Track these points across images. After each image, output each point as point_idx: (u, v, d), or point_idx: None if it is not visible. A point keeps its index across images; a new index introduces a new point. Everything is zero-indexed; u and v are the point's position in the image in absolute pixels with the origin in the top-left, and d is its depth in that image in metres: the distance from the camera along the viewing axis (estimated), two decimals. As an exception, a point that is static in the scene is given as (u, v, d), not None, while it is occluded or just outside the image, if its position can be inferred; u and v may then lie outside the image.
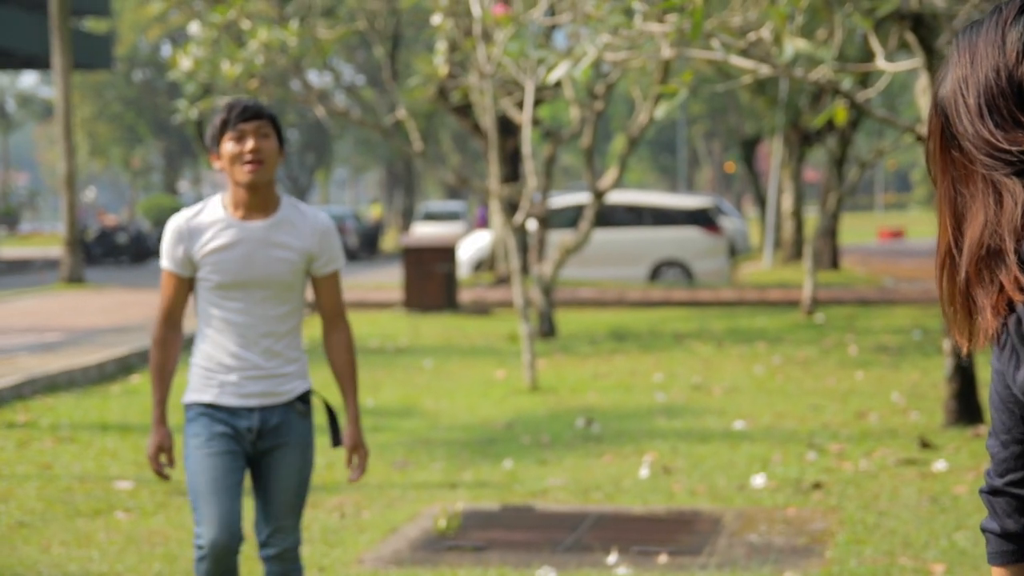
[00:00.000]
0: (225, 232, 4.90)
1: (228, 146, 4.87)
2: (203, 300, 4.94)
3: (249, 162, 4.84)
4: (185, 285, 4.95)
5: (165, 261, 4.94)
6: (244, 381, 4.90)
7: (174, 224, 4.95)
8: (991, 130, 1.87)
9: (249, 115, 4.86)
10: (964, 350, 1.96)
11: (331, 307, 5.09)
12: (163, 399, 4.97)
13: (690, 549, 7.22)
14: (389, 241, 54.70)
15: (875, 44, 9.48)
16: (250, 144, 4.84)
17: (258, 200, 4.92)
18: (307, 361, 5.07)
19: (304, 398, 5.02)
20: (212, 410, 4.93)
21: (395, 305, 22.15)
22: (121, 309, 21.15)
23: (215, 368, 4.92)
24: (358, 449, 5.09)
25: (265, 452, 4.97)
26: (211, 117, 5.10)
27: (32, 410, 11.85)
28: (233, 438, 4.92)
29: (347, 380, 5.09)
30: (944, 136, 1.96)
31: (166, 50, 61.75)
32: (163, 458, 5.05)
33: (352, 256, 42.61)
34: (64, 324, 18.69)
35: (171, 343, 4.96)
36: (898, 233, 53.31)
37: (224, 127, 4.87)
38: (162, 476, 5.07)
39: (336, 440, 5.18)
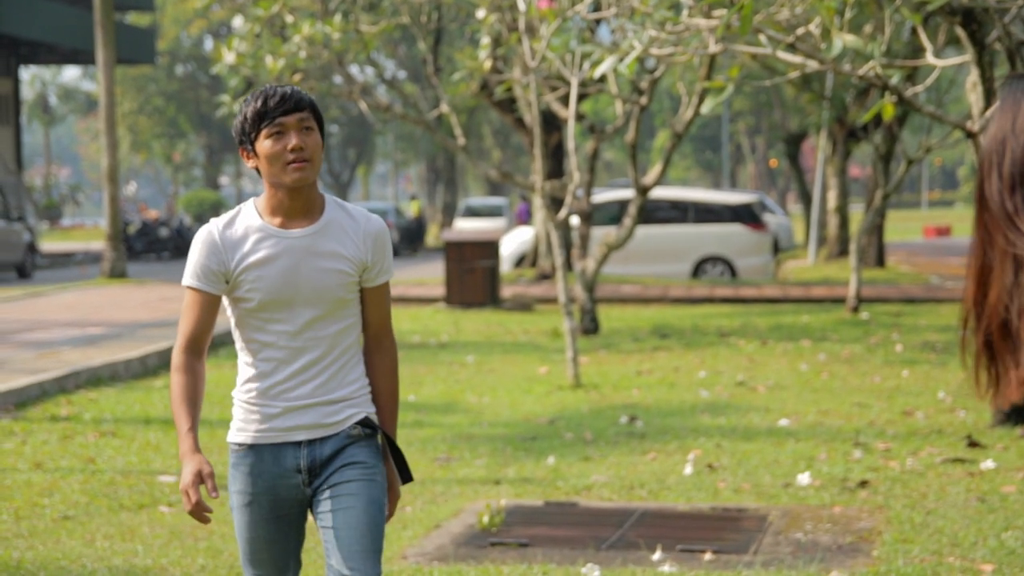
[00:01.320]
0: (264, 244, 4.23)
1: (266, 144, 4.18)
2: (242, 323, 4.31)
3: (293, 162, 4.17)
4: (214, 305, 4.27)
5: (191, 278, 4.26)
6: (291, 413, 4.28)
7: (205, 235, 4.28)
8: (1018, 207, 1.80)
9: (290, 106, 4.19)
10: (978, 395, 1.89)
11: (378, 323, 4.42)
12: (193, 426, 4.23)
13: (735, 547, 7.16)
14: (431, 236, 54.76)
15: (924, 39, 9.38)
16: (293, 141, 4.16)
17: (300, 204, 4.25)
18: (367, 386, 4.38)
19: (363, 424, 4.34)
20: (253, 454, 4.31)
21: (437, 301, 22.14)
22: (162, 303, 21.21)
23: (257, 401, 4.30)
24: (391, 489, 4.42)
25: (322, 488, 4.30)
26: (241, 106, 4.28)
27: (75, 404, 11.88)
28: (278, 497, 4.31)
29: (387, 411, 4.42)
30: (981, 189, 1.89)
31: (208, 44, 62.04)
32: (204, 489, 4.23)
33: (394, 252, 42.69)
34: (106, 318, 18.76)
35: (195, 370, 4.29)
36: (944, 230, 52.98)
37: (259, 120, 4.19)
38: (202, 518, 4.27)
39: (406, 477, 4.43)
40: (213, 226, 4.30)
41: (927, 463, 9.11)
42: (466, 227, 40.75)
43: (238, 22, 15.08)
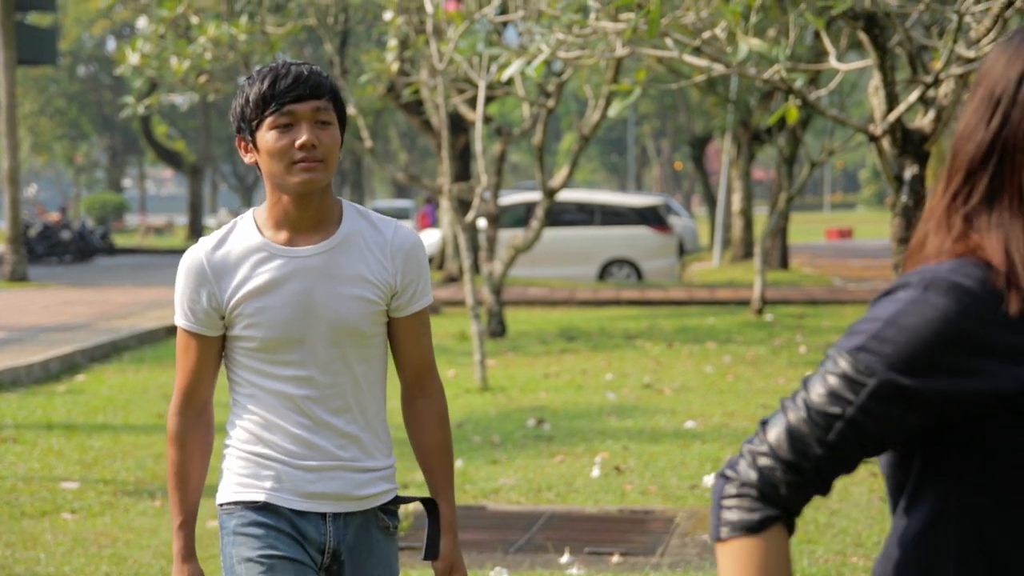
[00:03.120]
0: (266, 266, 3.38)
1: (269, 136, 3.33)
2: (242, 367, 3.47)
3: (302, 161, 3.32)
4: (214, 350, 3.45)
5: (180, 316, 3.45)
6: (313, 477, 3.42)
7: (191, 262, 3.41)
8: None
9: (304, 91, 3.33)
10: None
11: (419, 362, 3.53)
12: (188, 519, 3.50)
13: (643, 549, 7.19)
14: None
15: (827, 43, 9.48)
16: (303, 135, 3.31)
17: (310, 214, 3.40)
18: (392, 444, 3.58)
19: (391, 506, 3.54)
20: (271, 513, 3.45)
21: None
22: (65, 307, 20.95)
23: (267, 455, 3.46)
24: (456, 571, 3.57)
25: None
26: (242, 87, 3.45)
27: (-24, 409, 11.69)
28: (300, 545, 3.45)
29: (440, 471, 3.55)
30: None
31: (111, 45, 61.41)
32: None
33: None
34: (7, 322, 18.49)
35: (195, 437, 3.49)
36: (846, 232, 53.62)
37: (264, 105, 3.33)
38: None
39: (431, 553, 3.56)
40: (200, 249, 3.42)
41: (831, 464, 9.19)
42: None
43: (142, 23, 14.96)
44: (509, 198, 26.91)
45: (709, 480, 8.61)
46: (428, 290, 3.51)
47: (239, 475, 3.50)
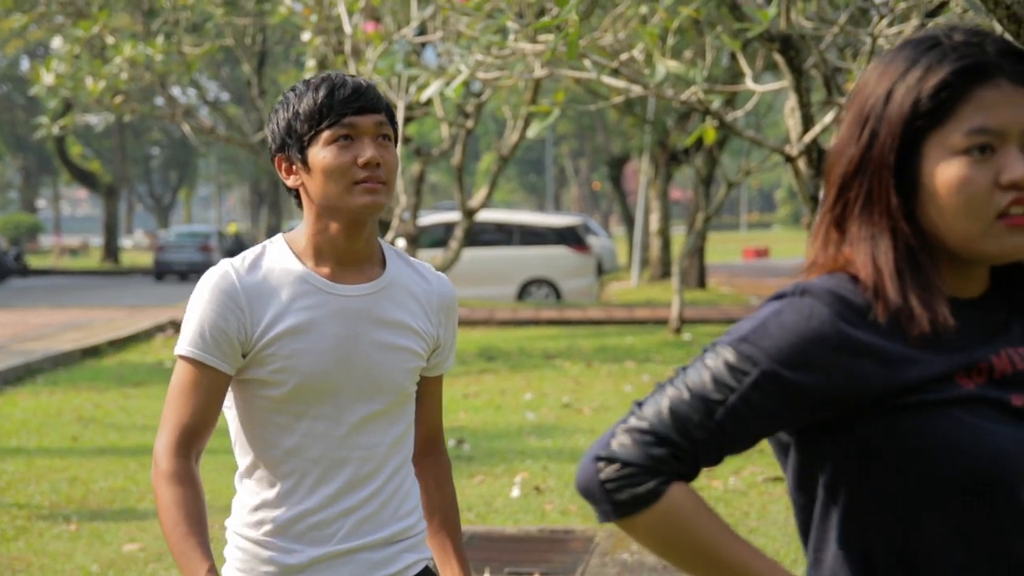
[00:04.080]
0: (306, 301, 2.93)
1: (327, 152, 2.90)
2: (256, 420, 3.00)
3: (364, 181, 2.90)
4: (223, 390, 2.95)
5: (191, 345, 2.90)
6: (322, 564, 2.95)
7: (221, 280, 2.91)
8: None
9: (366, 104, 2.94)
10: None
11: (435, 421, 3.23)
12: (210, 564, 2.81)
13: (563, 569, 7.20)
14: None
15: (744, 65, 9.57)
16: (368, 152, 2.90)
17: (360, 247, 2.98)
18: (422, 517, 3.16)
19: None
20: None
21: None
22: (-20, 329, 20.67)
23: (271, 541, 2.96)
24: None
25: None
26: (284, 98, 3.04)
27: None
28: None
29: (453, 528, 3.25)
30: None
31: (25, 64, 60.73)
32: None
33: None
34: (-80, 344, 18.21)
35: (195, 480, 2.93)
36: (763, 252, 54.02)
37: (319, 118, 2.91)
38: None
39: None
40: (230, 267, 2.93)
41: (749, 482, 9.26)
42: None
43: (57, 43, 14.81)
44: (428, 218, 26.90)
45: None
46: (454, 349, 3.19)
47: (235, 561, 3.01)
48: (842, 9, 9.08)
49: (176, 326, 21.84)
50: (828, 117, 9.09)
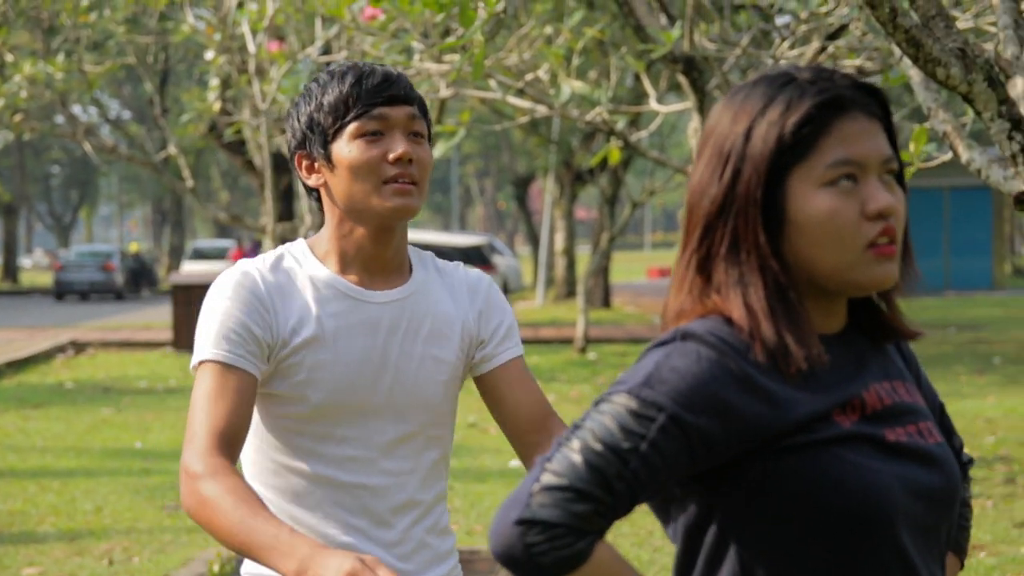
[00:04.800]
0: (332, 308, 2.65)
1: (354, 147, 2.62)
2: (276, 446, 2.66)
3: (395, 180, 2.63)
4: (253, 391, 2.56)
5: (215, 347, 2.56)
6: None
7: (243, 278, 2.63)
8: None
9: (398, 93, 2.65)
10: None
11: (539, 405, 2.77)
12: (281, 523, 2.32)
13: (469, 589, 7.19)
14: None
15: (648, 85, 9.64)
16: (400, 146, 2.62)
17: (390, 252, 2.70)
18: (457, 554, 2.86)
19: None
20: None
21: (165, 345, 21.73)
22: None
23: None
24: None
25: None
26: (305, 90, 2.73)
27: None
28: None
29: None
30: None
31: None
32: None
33: (119, 296, 41.80)
34: None
35: (236, 472, 2.44)
36: (667, 271, 54.34)
37: (347, 108, 2.63)
38: None
39: None
40: (251, 267, 2.65)
41: (655, 500, 9.30)
42: (194, 270, 40.12)
43: (-45, 59, 14.58)
44: (333, 238, 26.80)
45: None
46: (517, 333, 2.81)
47: None
48: (744, 31, 9.18)
49: (77, 347, 21.57)
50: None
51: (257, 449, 2.68)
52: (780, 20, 9.34)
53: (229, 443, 2.48)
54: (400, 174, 2.62)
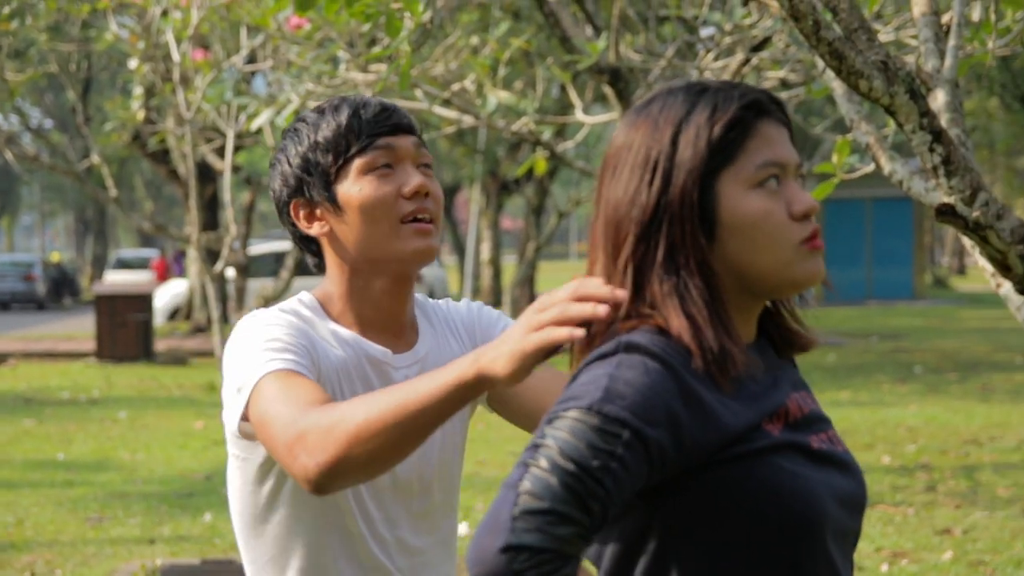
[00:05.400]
0: (362, 375, 2.35)
1: (364, 185, 2.34)
2: (291, 528, 2.35)
3: (413, 219, 2.38)
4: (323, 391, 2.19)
5: (275, 361, 2.18)
6: None
7: (276, 314, 2.31)
8: None
9: (400, 122, 2.40)
10: None
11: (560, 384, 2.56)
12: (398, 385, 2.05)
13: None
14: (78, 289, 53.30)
15: (574, 96, 9.68)
16: (414, 178, 2.37)
17: (403, 306, 2.41)
18: None
19: None
20: None
21: (88, 355, 21.54)
22: None
23: None
24: None
25: None
26: (292, 131, 2.40)
27: None
28: None
29: None
30: None
31: None
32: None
33: (41, 306, 41.37)
34: None
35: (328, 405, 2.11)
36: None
37: (349, 142, 2.35)
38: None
39: None
40: (289, 307, 2.36)
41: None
42: (118, 279, 39.80)
43: None
44: (258, 248, 26.67)
45: (462, 529, 8.63)
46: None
47: None
48: (669, 43, 9.24)
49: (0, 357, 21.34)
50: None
51: (256, 519, 2.37)
52: (704, 32, 9.42)
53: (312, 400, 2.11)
54: (418, 210, 2.34)
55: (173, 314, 29.21)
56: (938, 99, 3.45)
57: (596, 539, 1.93)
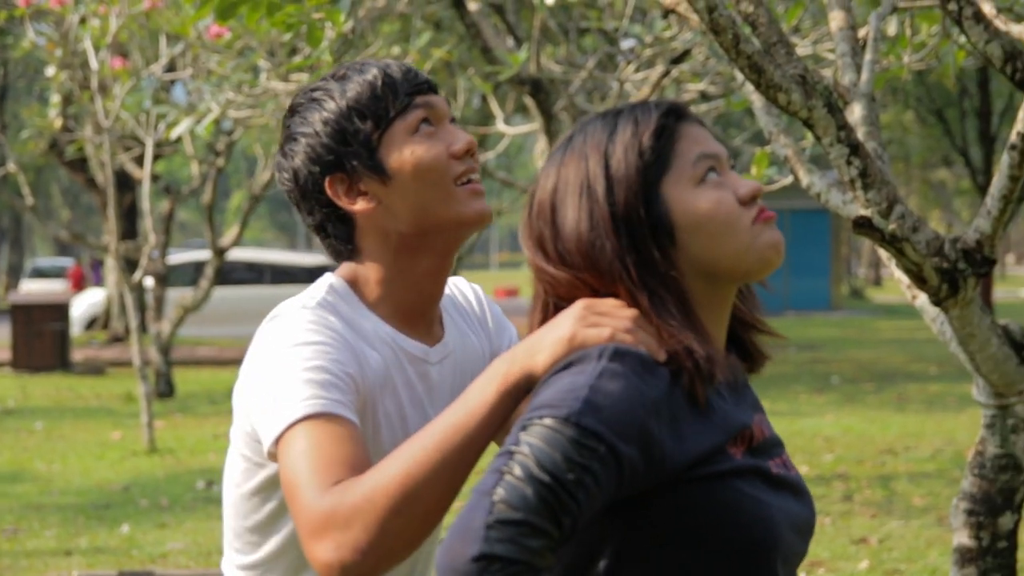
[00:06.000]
0: (405, 376, 2.18)
1: (413, 147, 2.14)
2: (286, 536, 2.20)
3: (466, 180, 2.17)
4: (364, 440, 2.00)
5: (312, 400, 1.98)
6: None
7: (311, 315, 2.08)
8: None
9: (430, 81, 2.22)
10: None
11: None
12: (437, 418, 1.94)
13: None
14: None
15: (495, 107, 9.70)
16: (461, 136, 2.18)
17: (441, 292, 2.24)
18: None
19: None
20: None
21: (3, 365, 21.29)
22: None
23: None
24: None
25: None
26: (310, 100, 2.19)
27: None
28: None
29: None
30: None
31: None
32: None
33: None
34: None
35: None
36: (513, 291, 54.57)
37: (388, 102, 2.14)
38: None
39: None
40: (325, 300, 2.13)
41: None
42: (34, 288, 39.37)
43: None
44: (178, 257, 26.51)
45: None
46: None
47: None
48: (590, 54, 9.29)
49: (-89, 368, 21.04)
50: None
51: (258, 526, 2.25)
52: (625, 44, 9.48)
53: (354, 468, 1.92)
54: (469, 169, 2.16)
55: (90, 323, 28.95)
56: (855, 112, 3.49)
57: None
